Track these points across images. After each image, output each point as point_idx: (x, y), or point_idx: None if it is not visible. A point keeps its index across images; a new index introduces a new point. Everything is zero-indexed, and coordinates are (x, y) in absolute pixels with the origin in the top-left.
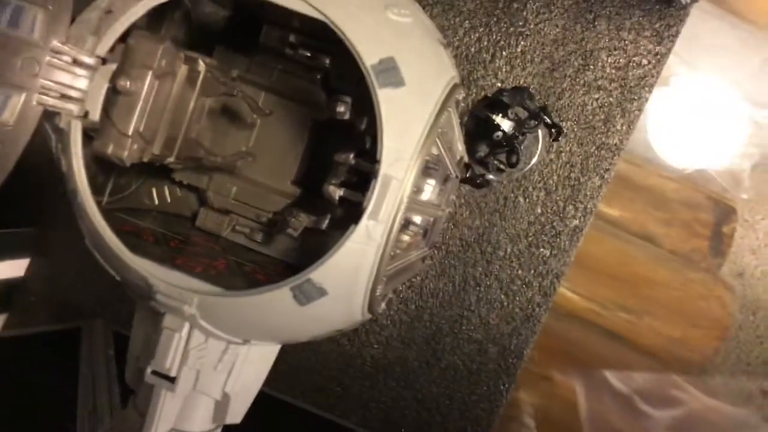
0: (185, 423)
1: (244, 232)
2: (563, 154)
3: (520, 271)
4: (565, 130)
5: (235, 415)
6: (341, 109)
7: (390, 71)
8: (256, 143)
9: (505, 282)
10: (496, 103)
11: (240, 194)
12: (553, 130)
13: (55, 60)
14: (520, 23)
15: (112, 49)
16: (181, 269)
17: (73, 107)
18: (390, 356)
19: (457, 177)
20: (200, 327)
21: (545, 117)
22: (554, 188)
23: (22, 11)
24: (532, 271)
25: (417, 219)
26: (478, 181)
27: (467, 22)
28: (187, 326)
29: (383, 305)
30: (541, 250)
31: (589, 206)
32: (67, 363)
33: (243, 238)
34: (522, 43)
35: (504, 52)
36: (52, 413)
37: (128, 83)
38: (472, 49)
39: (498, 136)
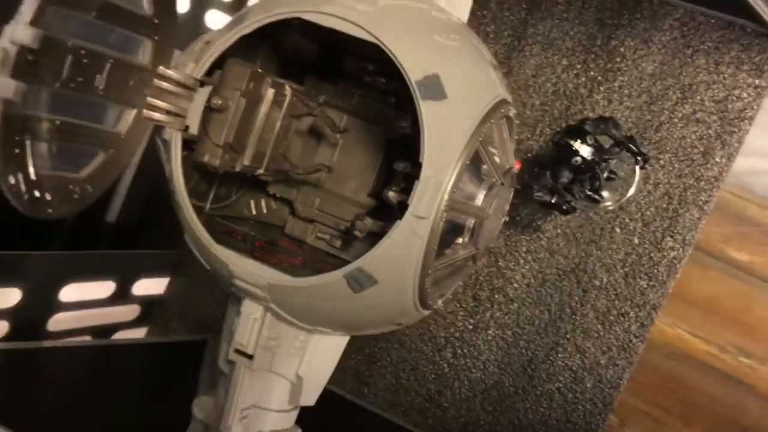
0: (264, 401)
1: (325, 238)
2: (661, 185)
3: (616, 302)
4: (650, 158)
5: (309, 397)
6: (403, 123)
7: (433, 86)
8: (339, 160)
9: (601, 312)
10: (577, 130)
11: (323, 205)
12: (639, 158)
13: (162, 83)
14: (618, 59)
15: (210, 74)
16: (258, 260)
17: (176, 122)
18: (487, 381)
19: (502, 184)
20: (272, 311)
21: (631, 145)
22: (652, 219)
23: (134, 41)
24: (629, 302)
25: (462, 220)
26: (564, 207)
27: (565, 59)
28: (261, 309)
29: (439, 302)
30: (638, 281)
31: (687, 238)
32: (195, 368)
33: (324, 244)
34: (620, 78)
35: (602, 87)
36: (177, 408)
37: (220, 102)
38: (570, 85)
39: (576, 161)
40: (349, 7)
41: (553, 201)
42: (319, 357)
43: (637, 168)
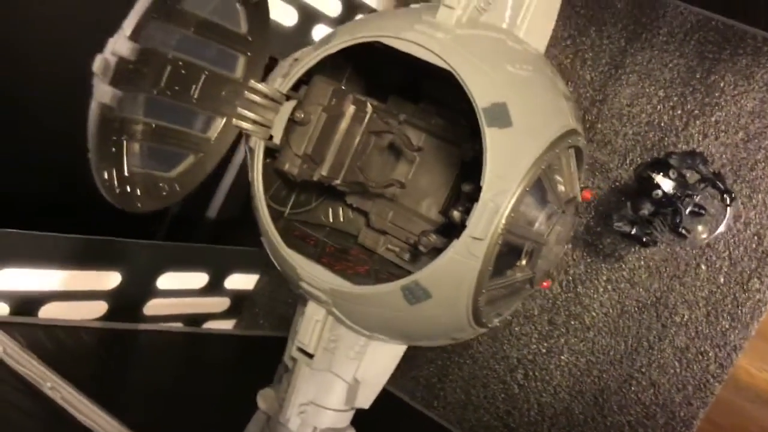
0: (321, 399)
1: (395, 250)
2: (751, 225)
3: (696, 340)
4: (737, 197)
5: (364, 401)
6: (475, 146)
7: (499, 113)
8: (414, 176)
9: (679, 348)
10: (661, 163)
11: (396, 218)
12: (725, 196)
13: (252, 95)
14: (717, 94)
15: (297, 88)
16: (324, 265)
17: (261, 132)
18: (557, 406)
19: (563, 212)
20: (334, 315)
21: (717, 182)
22: (740, 259)
23: (229, 56)
24: (709, 341)
25: (520, 244)
26: (644, 240)
27: (662, 91)
28: (323, 312)
29: (495, 321)
30: (721, 320)
31: None
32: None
33: (393, 255)
34: (717, 113)
35: (698, 121)
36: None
37: (302, 116)
38: (665, 117)
39: (657, 194)
40: (427, 34)
41: (632, 232)
42: (376, 363)
43: (730, 207)
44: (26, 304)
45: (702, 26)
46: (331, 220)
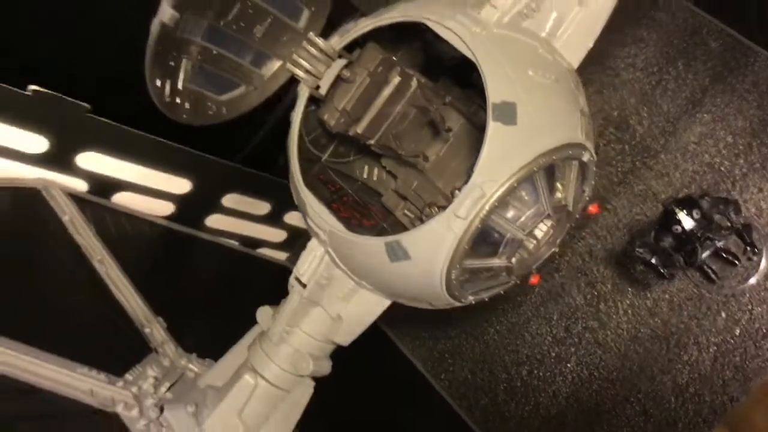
0: (306, 325)
1: (410, 217)
2: None
3: (697, 382)
4: (761, 252)
5: (343, 338)
6: None
7: (507, 111)
8: (445, 154)
9: (679, 385)
10: (690, 202)
11: (419, 188)
12: (748, 249)
13: (309, 46)
14: None
15: (351, 50)
16: (332, 210)
17: (310, 80)
18: (551, 409)
19: (549, 216)
20: (330, 255)
21: (744, 234)
22: (760, 316)
23: (296, 7)
24: (709, 386)
25: (501, 233)
26: (661, 271)
27: (731, 137)
28: (322, 250)
29: (470, 299)
30: (725, 369)
31: None
32: None
33: (408, 221)
34: None
35: (756, 175)
36: None
37: (348, 75)
38: (727, 163)
39: (677, 230)
40: (466, 26)
41: (652, 261)
42: (361, 307)
43: (763, 261)
44: (102, 187)
45: None
46: (365, 176)
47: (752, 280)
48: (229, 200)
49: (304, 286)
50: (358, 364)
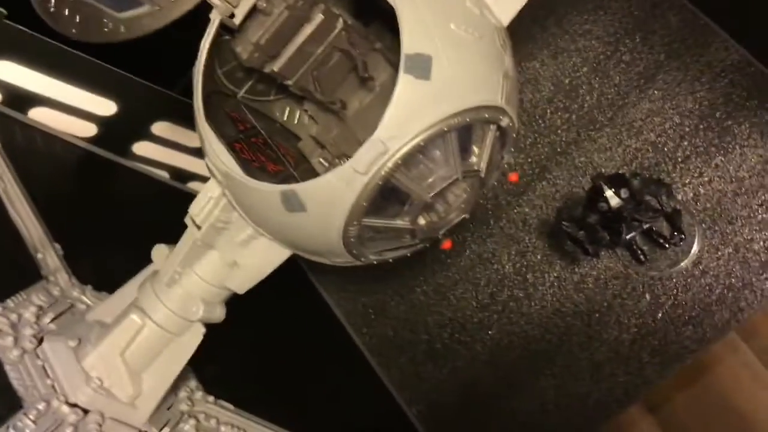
0: (199, 268)
1: (325, 166)
2: (708, 276)
3: (614, 361)
4: (684, 239)
5: (239, 286)
6: None
7: (421, 64)
8: (369, 105)
9: (595, 363)
10: (619, 180)
11: (338, 137)
12: (675, 234)
13: None
14: (728, 139)
15: None
16: (233, 150)
17: (223, 6)
18: (468, 373)
19: (457, 180)
20: (227, 198)
21: (673, 218)
22: (683, 303)
23: None
24: (624, 367)
25: (404, 193)
26: (585, 247)
27: (678, 117)
28: (219, 191)
29: (372, 258)
30: (642, 353)
31: (709, 335)
32: None
33: (323, 170)
34: (720, 157)
35: (698, 159)
36: None
37: (265, 5)
38: (671, 144)
39: (602, 207)
40: None
41: (578, 236)
42: (259, 256)
43: (694, 247)
44: (17, 99)
45: (740, 68)
46: (284, 118)
47: (681, 265)
48: (159, 128)
49: (198, 228)
50: (279, 308)
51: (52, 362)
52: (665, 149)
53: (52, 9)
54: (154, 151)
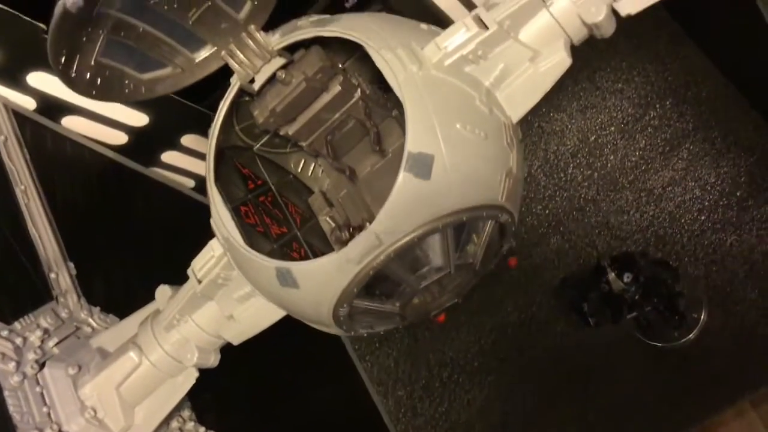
0: (197, 316)
1: (332, 226)
2: (710, 352)
3: (605, 424)
4: (685, 324)
5: (234, 337)
6: None
7: (422, 163)
8: (379, 172)
9: (588, 424)
10: (625, 260)
11: (346, 198)
12: (676, 318)
13: (248, 39)
14: (747, 219)
15: (293, 51)
16: (238, 212)
17: (244, 73)
18: (462, 417)
19: (450, 273)
20: (228, 257)
21: (676, 302)
22: (684, 376)
23: None
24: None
25: (395, 282)
26: (588, 318)
27: (699, 190)
28: (221, 250)
29: (362, 331)
30: (636, 418)
31: (705, 410)
32: None
33: (329, 229)
34: (734, 237)
35: (714, 237)
36: None
37: (284, 76)
38: (688, 216)
39: (604, 288)
40: (403, 62)
41: (582, 306)
42: (256, 312)
43: (699, 324)
44: (52, 108)
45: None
46: (299, 170)
47: (683, 339)
48: (188, 140)
49: (199, 282)
50: (283, 329)
51: (50, 389)
52: (682, 220)
53: (73, 74)
54: (182, 160)
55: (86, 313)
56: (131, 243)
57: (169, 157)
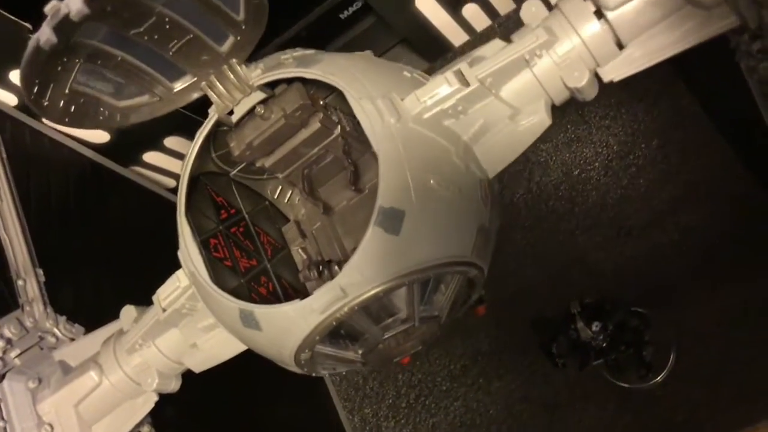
0: (159, 342)
1: (303, 258)
2: (677, 397)
3: None
4: (652, 374)
5: (196, 365)
6: None
7: (393, 219)
8: (357, 206)
9: None
10: (595, 309)
11: (319, 231)
12: (643, 369)
13: (229, 73)
14: (720, 268)
15: (275, 84)
16: (205, 245)
17: (223, 105)
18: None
19: (414, 325)
20: (194, 289)
21: (644, 352)
22: (648, 418)
23: (220, 32)
24: None
25: (359, 331)
26: (556, 360)
27: (677, 234)
28: (187, 281)
29: (323, 372)
30: None
31: None
32: None
33: (300, 260)
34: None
35: (690, 284)
36: None
37: (263, 112)
38: (663, 262)
39: (572, 335)
40: (381, 113)
41: (552, 347)
42: (219, 343)
43: (666, 369)
44: None
45: (749, 197)
46: (275, 196)
47: (650, 382)
48: (172, 142)
49: (164, 310)
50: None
51: (8, 402)
52: (660, 264)
53: (45, 103)
54: (164, 160)
55: (52, 322)
56: (103, 249)
57: (151, 157)
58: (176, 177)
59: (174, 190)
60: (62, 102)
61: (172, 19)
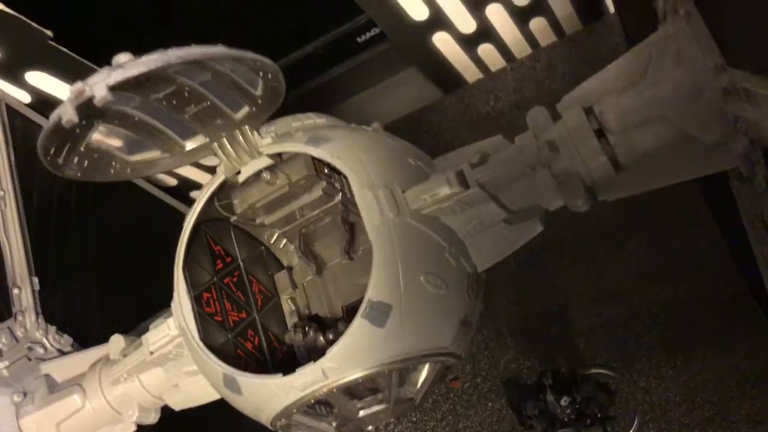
0: (144, 378)
1: (292, 309)
2: None
3: None
4: None
5: (176, 404)
6: None
7: (379, 312)
8: (347, 269)
9: None
10: (565, 382)
11: (310, 285)
12: None
13: (240, 138)
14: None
15: (280, 155)
16: (198, 300)
17: (231, 166)
18: None
19: (387, 408)
20: (182, 340)
21: (607, 429)
22: None
23: (237, 100)
24: None
25: (337, 408)
26: (525, 421)
27: (657, 296)
28: (176, 331)
29: None
30: None
31: None
32: None
33: (289, 311)
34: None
35: (662, 353)
36: None
37: (268, 177)
38: (638, 326)
39: (541, 406)
40: (381, 205)
41: (524, 409)
42: (200, 387)
43: None
44: (45, 103)
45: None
46: (272, 241)
47: None
48: None
49: (151, 353)
50: None
51: None
52: (637, 329)
53: (60, 162)
54: None
55: (42, 332)
56: (97, 257)
57: None
58: (176, 176)
59: (174, 191)
60: (76, 159)
61: (192, 88)
